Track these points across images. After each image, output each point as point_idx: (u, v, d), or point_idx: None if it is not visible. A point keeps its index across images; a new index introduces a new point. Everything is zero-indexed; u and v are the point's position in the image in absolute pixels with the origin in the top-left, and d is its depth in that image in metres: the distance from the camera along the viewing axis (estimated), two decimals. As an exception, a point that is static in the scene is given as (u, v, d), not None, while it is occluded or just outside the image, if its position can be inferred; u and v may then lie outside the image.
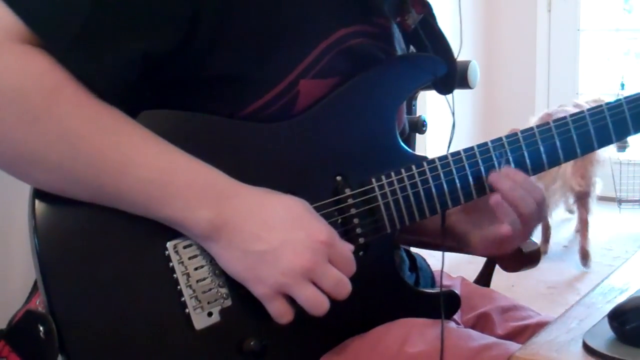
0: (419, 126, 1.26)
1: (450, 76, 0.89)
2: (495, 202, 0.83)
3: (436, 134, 1.40)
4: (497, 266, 1.20)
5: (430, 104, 3.01)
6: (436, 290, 0.88)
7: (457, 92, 0.95)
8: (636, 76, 4.34)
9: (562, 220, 4.08)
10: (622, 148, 4.01)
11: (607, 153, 3.67)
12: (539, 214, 0.85)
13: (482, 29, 4.55)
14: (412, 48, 0.95)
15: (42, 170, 0.69)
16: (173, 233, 0.73)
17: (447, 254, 0.91)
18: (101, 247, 0.72)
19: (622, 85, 3.94)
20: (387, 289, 0.85)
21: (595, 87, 4.27)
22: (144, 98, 0.75)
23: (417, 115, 1.30)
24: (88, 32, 0.69)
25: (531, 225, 0.86)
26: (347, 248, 0.75)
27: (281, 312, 0.72)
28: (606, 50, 4.65)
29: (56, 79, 0.69)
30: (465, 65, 1.28)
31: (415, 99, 1.37)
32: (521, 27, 4.62)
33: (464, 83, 1.30)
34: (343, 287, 0.73)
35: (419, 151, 0.89)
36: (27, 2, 0.69)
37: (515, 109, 4.40)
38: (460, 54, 0.94)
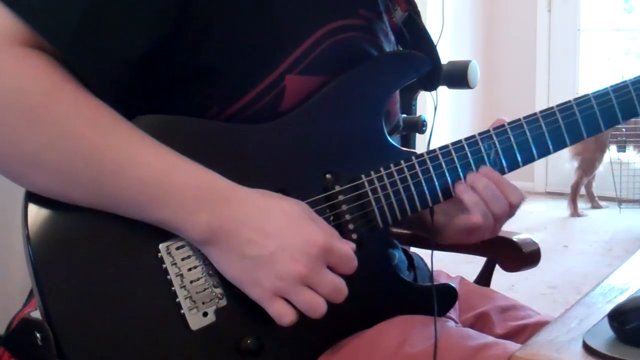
0: (419, 126, 1.26)
1: (435, 73, 0.89)
2: (460, 190, 0.84)
3: (437, 133, 1.40)
4: (497, 266, 1.20)
5: (430, 104, 3.01)
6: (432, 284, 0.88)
7: (457, 92, 0.96)
8: (636, 76, 4.34)
9: (562, 219, 4.09)
10: (622, 148, 4.02)
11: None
12: (510, 214, 0.86)
13: (482, 29, 4.56)
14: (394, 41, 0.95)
15: (40, 171, 0.69)
16: (165, 235, 0.73)
17: (448, 253, 0.91)
18: (94, 253, 0.72)
19: (622, 85, 3.93)
20: (383, 284, 0.85)
21: (595, 87, 4.27)
22: (132, 94, 0.75)
23: (417, 115, 1.30)
24: (87, 27, 0.70)
25: (502, 222, 0.87)
26: (347, 247, 0.74)
27: (281, 314, 0.71)
28: (606, 50, 4.66)
29: (54, 79, 0.69)
30: (465, 65, 1.28)
31: (415, 99, 1.36)
32: (521, 27, 4.63)
33: (464, 83, 1.29)
34: (339, 292, 0.73)
35: (419, 151, 0.89)
36: (26, 1, 0.69)
37: (515, 109, 4.39)
38: (460, 54, 0.94)
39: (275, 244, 0.71)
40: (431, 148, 0.86)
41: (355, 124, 0.84)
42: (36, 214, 0.71)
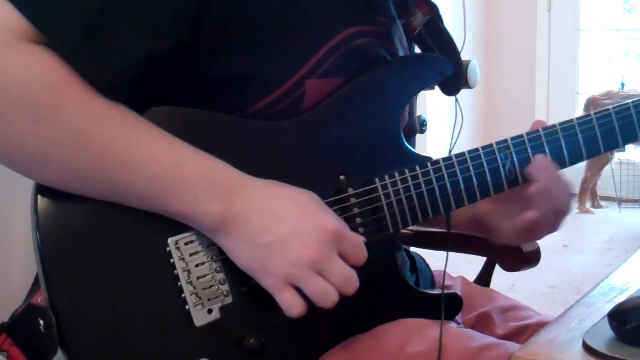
0: (419, 126, 1.26)
1: (457, 77, 0.89)
2: (532, 193, 0.84)
3: (436, 133, 1.40)
4: (497, 266, 1.20)
5: (430, 104, 3.01)
6: (438, 291, 0.88)
7: (457, 92, 0.95)
8: (636, 76, 4.34)
9: (562, 219, 4.08)
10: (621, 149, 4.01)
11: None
12: (570, 206, 0.87)
13: (482, 29, 4.55)
14: (417, 49, 0.95)
15: (50, 168, 0.70)
16: (175, 229, 0.73)
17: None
18: (103, 243, 0.72)
19: (622, 85, 3.94)
20: (389, 289, 0.85)
21: (596, 87, 4.28)
22: (150, 97, 0.75)
23: (417, 115, 1.30)
24: (95, 32, 0.70)
25: (561, 218, 0.87)
26: (358, 237, 0.75)
27: (291, 303, 0.71)
28: (606, 50, 4.65)
29: (63, 76, 0.69)
30: (465, 65, 1.28)
31: (416, 99, 1.36)
32: (521, 27, 4.62)
33: (464, 83, 1.29)
34: (351, 282, 0.72)
35: (419, 151, 0.89)
36: (33, 1, 0.69)
37: (515, 109, 4.40)
38: (461, 53, 0.93)
39: (288, 229, 0.71)
40: (429, 149, 0.86)
41: (372, 126, 0.83)
42: (46, 203, 0.71)
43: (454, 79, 0.89)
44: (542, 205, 0.84)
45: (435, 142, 0.89)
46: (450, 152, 0.86)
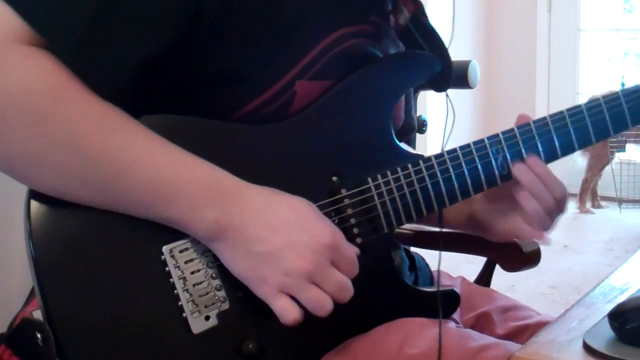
0: (419, 126, 1.26)
1: (445, 73, 0.89)
2: (522, 197, 0.85)
3: (436, 134, 1.39)
4: (497, 266, 1.20)
5: (430, 104, 3.01)
6: (435, 289, 0.88)
7: (457, 92, 0.95)
8: (636, 76, 4.34)
9: (562, 219, 4.08)
10: (621, 148, 4.02)
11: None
12: (558, 209, 0.88)
13: (482, 29, 4.55)
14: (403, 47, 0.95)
15: (47, 171, 0.69)
16: (169, 237, 0.73)
17: (447, 253, 0.92)
18: (97, 253, 0.72)
19: (623, 85, 3.93)
20: (386, 288, 0.85)
21: (596, 87, 4.27)
22: (142, 98, 0.75)
23: (417, 115, 1.30)
24: (92, 35, 0.69)
25: (552, 217, 0.88)
26: (352, 251, 0.75)
27: (285, 310, 0.71)
28: (606, 50, 4.66)
29: (60, 79, 0.68)
30: (465, 65, 1.28)
31: (416, 99, 1.36)
32: (521, 27, 4.62)
33: (464, 83, 1.29)
34: (345, 291, 0.73)
35: (419, 151, 0.88)
36: (32, 4, 0.69)
37: (515, 109, 4.36)
38: (460, 54, 0.93)
39: (282, 240, 0.71)
40: (429, 149, 0.86)
41: (363, 126, 0.83)
42: (39, 210, 0.71)
43: (443, 75, 0.88)
44: (532, 205, 0.85)
45: (436, 142, 0.89)
46: (442, 148, 0.86)
